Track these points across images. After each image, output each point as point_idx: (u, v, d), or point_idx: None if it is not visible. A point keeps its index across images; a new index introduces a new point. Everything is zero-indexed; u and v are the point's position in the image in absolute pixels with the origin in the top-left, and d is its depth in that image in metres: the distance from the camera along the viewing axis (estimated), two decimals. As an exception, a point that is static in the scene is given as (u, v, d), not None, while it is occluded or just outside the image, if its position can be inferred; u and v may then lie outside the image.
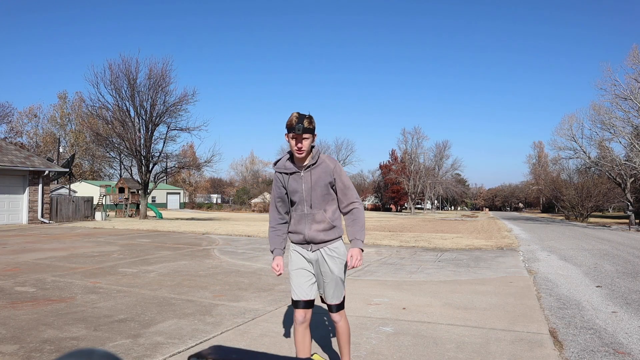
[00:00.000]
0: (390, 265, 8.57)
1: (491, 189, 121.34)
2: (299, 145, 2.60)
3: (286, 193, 2.79)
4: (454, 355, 3.52)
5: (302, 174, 2.72)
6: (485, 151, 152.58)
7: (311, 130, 2.62)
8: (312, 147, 2.74)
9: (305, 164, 2.72)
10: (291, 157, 2.77)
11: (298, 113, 2.60)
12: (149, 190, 28.36)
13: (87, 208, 23.86)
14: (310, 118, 2.60)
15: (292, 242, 2.90)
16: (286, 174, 2.76)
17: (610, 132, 29.85)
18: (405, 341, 3.90)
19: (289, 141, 2.66)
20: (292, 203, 2.80)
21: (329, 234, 2.76)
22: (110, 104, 27.26)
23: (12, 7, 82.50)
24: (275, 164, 2.85)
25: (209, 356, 0.54)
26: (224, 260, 8.76)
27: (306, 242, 2.79)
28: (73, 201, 22.92)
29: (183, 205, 64.30)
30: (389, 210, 78.13)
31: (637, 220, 29.12)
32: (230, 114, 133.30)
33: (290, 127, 2.58)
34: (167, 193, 60.70)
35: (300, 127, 2.55)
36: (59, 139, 41.40)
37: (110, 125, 27.56)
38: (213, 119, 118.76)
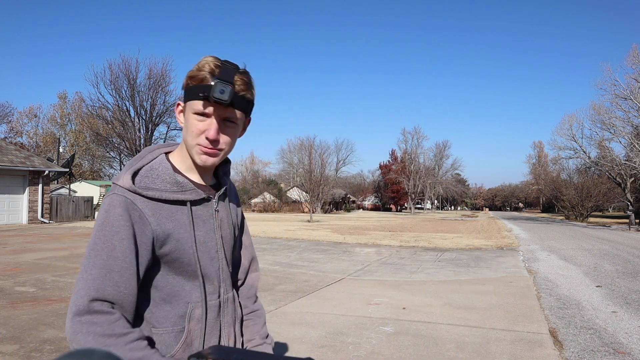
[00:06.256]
0: (390, 265, 8.57)
1: (491, 189, 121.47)
2: (216, 135, 1.02)
3: (152, 252, 0.99)
4: (454, 355, 3.52)
5: (215, 204, 1.12)
6: (485, 151, 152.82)
7: (246, 105, 1.05)
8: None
9: (213, 182, 1.16)
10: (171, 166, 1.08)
11: (218, 59, 1.01)
12: (149, 190, 28.38)
13: (87, 208, 23.86)
14: (246, 75, 1.04)
15: None
16: (172, 202, 1.03)
17: (610, 132, 29.91)
18: (406, 341, 3.90)
19: (182, 121, 1.07)
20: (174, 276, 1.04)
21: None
22: (110, 104, 27.35)
23: (12, 7, 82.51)
24: (133, 176, 1.01)
25: (209, 356, 0.54)
26: (224, 260, 8.76)
27: None
28: (73, 201, 22.92)
29: (183, 205, 64.24)
30: (389, 210, 78.13)
31: (637, 220, 29.11)
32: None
33: (200, 85, 0.99)
34: (167, 193, 60.69)
35: (227, 90, 0.96)
36: (59, 139, 41.33)
37: (110, 125, 27.61)
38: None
